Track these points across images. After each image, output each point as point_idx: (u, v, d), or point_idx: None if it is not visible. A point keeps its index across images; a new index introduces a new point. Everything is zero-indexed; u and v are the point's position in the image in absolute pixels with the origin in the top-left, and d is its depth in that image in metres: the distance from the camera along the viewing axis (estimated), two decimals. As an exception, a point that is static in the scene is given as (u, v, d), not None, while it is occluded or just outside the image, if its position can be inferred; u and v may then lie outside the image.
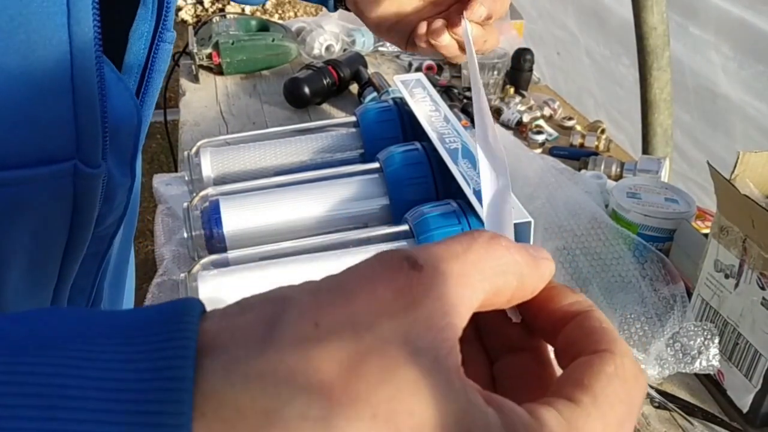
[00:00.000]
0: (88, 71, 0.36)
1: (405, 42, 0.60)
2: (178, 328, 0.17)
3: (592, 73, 2.04)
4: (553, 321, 0.23)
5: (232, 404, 0.16)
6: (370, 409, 0.16)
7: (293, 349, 0.17)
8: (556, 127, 1.22)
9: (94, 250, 0.47)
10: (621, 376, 0.21)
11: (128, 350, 0.16)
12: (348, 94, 1.32)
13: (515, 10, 1.62)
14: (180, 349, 0.16)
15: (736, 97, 1.44)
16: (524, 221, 0.53)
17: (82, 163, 0.38)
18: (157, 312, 0.18)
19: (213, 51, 1.39)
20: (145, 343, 0.17)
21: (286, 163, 0.69)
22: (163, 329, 0.17)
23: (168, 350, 0.16)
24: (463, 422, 0.17)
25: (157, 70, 0.45)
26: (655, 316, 0.68)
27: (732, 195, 0.59)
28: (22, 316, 0.18)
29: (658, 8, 1.46)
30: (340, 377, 0.17)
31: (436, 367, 0.18)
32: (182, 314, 0.17)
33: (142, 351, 0.16)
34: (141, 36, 0.42)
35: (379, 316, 0.18)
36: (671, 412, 0.63)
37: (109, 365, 0.16)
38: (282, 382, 0.17)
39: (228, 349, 0.17)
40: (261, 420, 0.16)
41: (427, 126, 0.64)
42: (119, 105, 0.40)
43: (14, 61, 0.33)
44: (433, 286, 0.19)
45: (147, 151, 2.78)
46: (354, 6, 0.61)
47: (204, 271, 0.54)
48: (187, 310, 0.18)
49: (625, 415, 0.20)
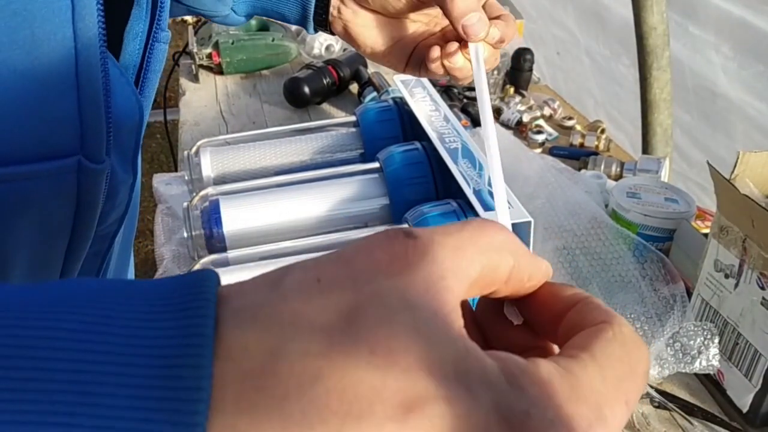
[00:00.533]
0: (93, 67, 0.36)
1: (403, 65, 0.60)
2: (198, 290, 0.18)
3: (592, 73, 2.04)
4: (554, 315, 0.23)
5: (241, 344, 0.17)
6: (367, 346, 0.17)
7: (296, 297, 0.19)
8: (556, 127, 1.22)
9: (96, 249, 0.47)
10: (620, 340, 0.21)
11: (150, 310, 0.18)
12: (348, 93, 1.32)
13: (515, 10, 1.63)
14: (201, 308, 0.18)
15: (736, 97, 1.44)
16: (524, 221, 0.53)
17: (86, 158, 0.38)
18: (177, 279, 0.19)
19: (213, 50, 1.39)
20: (167, 303, 0.18)
21: (286, 162, 0.69)
22: (185, 291, 0.18)
23: (190, 310, 0.18)
24: (460, 364, 0.18)
25: (153, 70, 0.45)
26: (655, 316, 0.68)
27: (732, 195, 0.59)
28: (47, 284, 0.19)
29: (658, 8, 1.46)
30: (339, 320, 0.18)
31: (434, 319, 0.19)
32: (202, 280, 0.19)
33: (163, 311, 0.18)
34: (136, 36, 0.42)
35: (377, 274, 0.19)
36: (671, 412, 0.63)
37: (131, 323, 0.17)
38: (286, 323, 0.18)
39: (237, 299, 0.19)
40: (266, 356, 0.17)
41: (427, 126, 0.64)
42: (122, 101, 0.40)
43: (18, 56, 0.33)
44: (428, 251, 0.20)
45: (147, 151, 2.78)
46: (345, 34, 0.60)
47: (204, 271, 0.53)
48: (206, 277, 0.19)
49: (626, 374, 0.21)
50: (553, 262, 0.76)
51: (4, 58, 0.32)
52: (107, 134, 0.39)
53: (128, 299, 0.18)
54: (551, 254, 0.76)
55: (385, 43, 0.59)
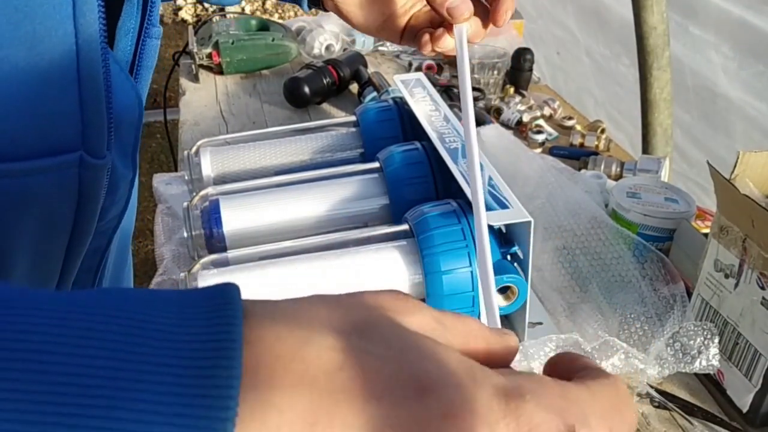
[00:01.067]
0: (94, 62, 0.36)
1: (399, 38, 0.60)
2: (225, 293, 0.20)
3: (592, 73, 2.04)
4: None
5: (274, 333, 0.20)
6: (383, 344, 0.21)
7: (320, 305, 0.22)
8: (556, 126, 1.22)
9: (96, 245, 0.47)
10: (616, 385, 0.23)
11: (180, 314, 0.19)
12: (348, 93, 1.32)
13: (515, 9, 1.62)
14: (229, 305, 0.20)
15: (736, 97, 1.44)
16: (524, 221, 0.53)
17: (87, 154, 0.38)
18: (203, 289, 0.21)
19: (213, 50, 1.39)
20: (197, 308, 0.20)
21: (286, 162, 0.69)
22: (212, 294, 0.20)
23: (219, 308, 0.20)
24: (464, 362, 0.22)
25: (145, 66, 0.45)
26: (655, 315, 0.68)
27: (732, 195, 0.59)
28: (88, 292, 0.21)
29: (658, 8, 1.46)
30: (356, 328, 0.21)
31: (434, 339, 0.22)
32: (226, 290, 0.21)
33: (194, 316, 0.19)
34: (127, 32, 0.42)
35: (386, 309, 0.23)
36: (671, 412, 0.63)
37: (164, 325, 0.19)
38: (314, 320, 0.21)
39: (264, 303, 0.21)
40: (296, 344, 0.20)
41: (427, 126, 0.64)
42: (122, 96, 0.41)
43: (20, 52, 0.33)
44: (425, 307, 0.24)
45: (147, 151, 2.78)
46: (337, 11, 0.60)
47: (204, 271, 0.54)
48: (229, 287, 0.21)
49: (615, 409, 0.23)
50: (553, 262, 0.76)
51: (5, 55, 0.32)
52: (108, 129, 0.39)
53: (160, 304, 0.20)
54: (551, 254, 0.76)
55: (376, 20, 0.59)
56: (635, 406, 0.24)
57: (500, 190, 0.57)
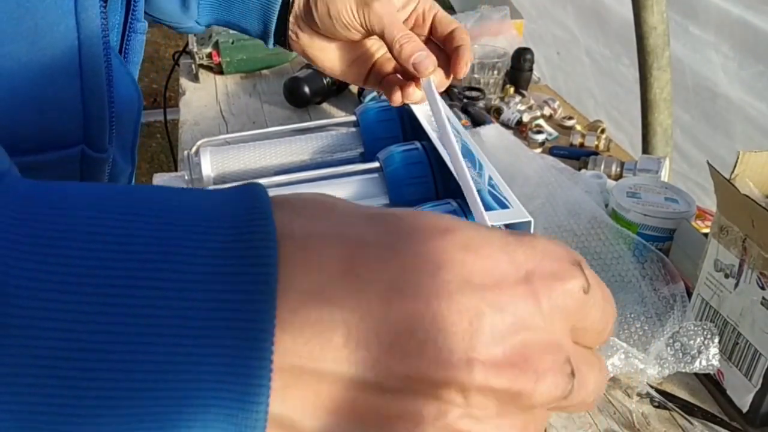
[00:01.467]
0: (96, 57, 0.36)
1: (362, 81, 0.63)
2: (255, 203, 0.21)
3: (592, 73, 2.04)
4: None
5: (310, 230, 0.21)
6: (413, 245, 0.21)
7: (351, 206, 0.23)
8: (556, 126, 1.22)
9: None
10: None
11: (223, 198, 0.22)
12: (348, 93, 1.32)
13: (515, 9, 1.63)
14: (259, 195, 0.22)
15: (736, 97, 1.44)
16: (524, 221, 0.53)
17: (89, 148, 0.38)
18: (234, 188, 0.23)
19: (213, 50, 1.39)
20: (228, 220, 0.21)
21: (286, 162, 0.69)
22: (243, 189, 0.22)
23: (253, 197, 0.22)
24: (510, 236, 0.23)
25: (132, 62, 0.45)
26: (655, 315, 0.68)
27: (732, 195, 0.59)
28: (123, 186, 0.23)
29: (658, 8, 1.46)
30: (379, 234, 0.22)
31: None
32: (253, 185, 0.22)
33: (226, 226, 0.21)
34: (112, 28, 0.42)
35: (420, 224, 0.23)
36: (671, 412, 0.63)
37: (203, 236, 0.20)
38: (345, 214, 0.22)
39: (293, 197, 0.23)
40: (336, 239, 0.21)
41: (427, 126, 0.64)
42: (123, 91, 0.41)
43: (22, 47, 0.33)
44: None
45: (147, 151, 2.78)
46: (304, 55, 0.63)
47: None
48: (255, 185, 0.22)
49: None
50: (553, 262, 0.76)
51: (8, 50, 0.32)
52: (110, 123, 0.39)
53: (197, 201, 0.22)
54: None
55: (342, 65, 0.62)
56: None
57: (500, 190, 0.57)
